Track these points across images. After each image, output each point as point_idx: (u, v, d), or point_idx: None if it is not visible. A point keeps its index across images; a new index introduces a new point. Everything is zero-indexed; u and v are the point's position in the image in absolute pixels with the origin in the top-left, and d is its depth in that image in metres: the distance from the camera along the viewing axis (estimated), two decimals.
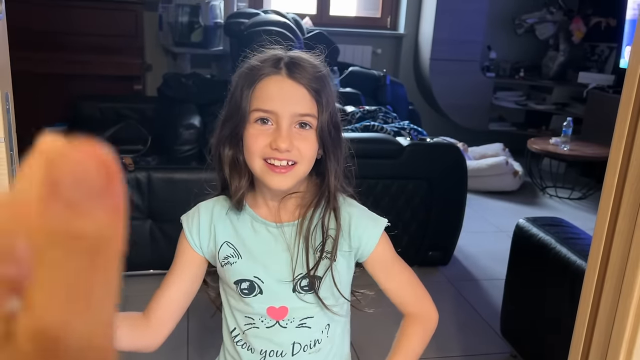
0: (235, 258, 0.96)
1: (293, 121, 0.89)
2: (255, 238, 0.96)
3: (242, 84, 0.92)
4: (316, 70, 0.92)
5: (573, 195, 4.08)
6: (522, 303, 2.08)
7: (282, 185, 0.90)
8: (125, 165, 2.47)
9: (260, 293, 0.94)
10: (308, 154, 0.91)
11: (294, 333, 0.96)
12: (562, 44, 4.98)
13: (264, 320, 0.95)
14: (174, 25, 4.00)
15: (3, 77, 0.62)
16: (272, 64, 0.91)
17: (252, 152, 0.90)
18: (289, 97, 0.90)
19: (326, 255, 0.94)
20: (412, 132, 3.12)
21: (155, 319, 0.96)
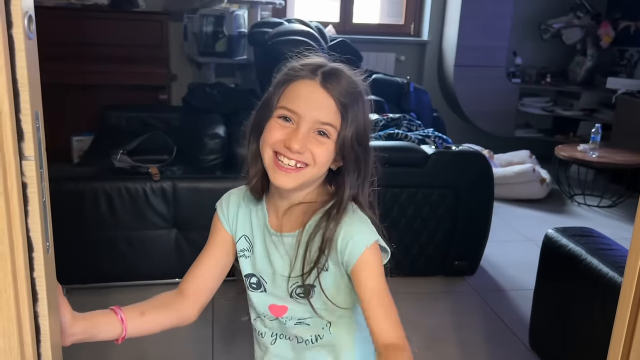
0: (249, 252, 1.02)
1: (313, 127, 0.92)
2: (263, 241, 1.01)
3: (278, 80, 0.97)
4: (351, 85, 0.94)
5: (602, 203, 4.00)
6: (551, 315, 2.03)
7: (286, 184, 0.93)
8: (151, 175, 2.49)
9: (264, 291, 1.02)
10: (321, 159, 0.92)
11: (293, 329, 1.01)
12: (589, 49, 4.89)
13: (267, 315, 1.02)
14: (199, 35, 4.04)
15: (34, 96, 0.62)
16: (311, 69, 0.94)
17: (266, 141, 0.93)
18: (316, 103, 0.92)
19: (318, 265, 0.95)
20: (437, 139, 3.09)
21: (192, 292, 1.01)
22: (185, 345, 2.19)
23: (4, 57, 0.58)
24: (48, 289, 0.68)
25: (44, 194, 0.66)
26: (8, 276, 0.62)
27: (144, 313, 0.95)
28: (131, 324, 0.92)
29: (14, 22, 0.59)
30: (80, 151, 3.64)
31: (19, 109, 0.61)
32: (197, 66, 4.33)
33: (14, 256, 0.62)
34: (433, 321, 2.45)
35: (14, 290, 0.63)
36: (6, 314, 0.63)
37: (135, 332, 0.93)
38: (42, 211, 0.65)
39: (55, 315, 0.75)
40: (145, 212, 2.48)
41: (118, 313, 0.92)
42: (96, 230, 2.46)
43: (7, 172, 0.60)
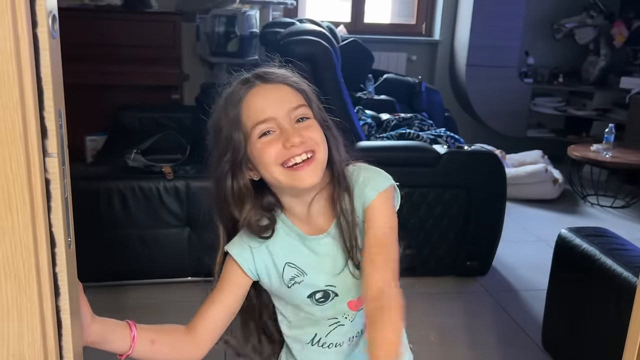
0: (301, 277, 0.98)
1: (291, 118, 0.92)
2: (309, 252, 0.98)
3: (226, 114, 0.94)
4: (283, 71, 0.97)
5: (616, 204, 3.97)
6: (564, 315, 2.03)
7: (311, 180, 0.91)
8: (164, 174, 2.51)
9: (336, 296, 0.99)
10: (319, 138, 0.93)
11: (360, 319, 1.01)
12: (603, 49, 4.86)
13: (348, 315, 1.00)
14: (211, 36, 4.06)
15: (57, 95, 0.63)
16: (243, 83, 0.95)
17: (268, 162, 0.91)
18: (276, 98, 0.93)
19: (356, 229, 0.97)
20: (449, 139, 3.09)
21: (201, 335, 0.98)
22: None
23: (29, 56, 0.59)
24: (69, 284, 0.69)
25: (65, 190, 0.67)
26: (32, 270, 0.63)
27: (154, 342, 0.94)
28: (139, 346, 0.92)
29: (38, 22, 0.60)
30: (94, 151, 3.67)
31: (42, 107, 0.62)
32: (209, 66, 4.35)
33: (38, 250, 0.63)
34: (445, 321, 2.45)
35: (37, 285, 0.64)
36: (30, 308, 0.65)
37: (139, 355, 0.93)
38: (64, 207, 0.66)
39: (76, 310, 0.76)
40: (158, 211, 2.50)
41: (132, 330, 0.91)
42: (110, 229, 2.48)
43: (32, 168, 0.61)
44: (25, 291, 0.64)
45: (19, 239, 0.62)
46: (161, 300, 2.45)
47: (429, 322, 2.41)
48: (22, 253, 0.62)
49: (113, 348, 0.91)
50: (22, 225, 0.62)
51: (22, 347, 0.66)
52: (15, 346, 0.66)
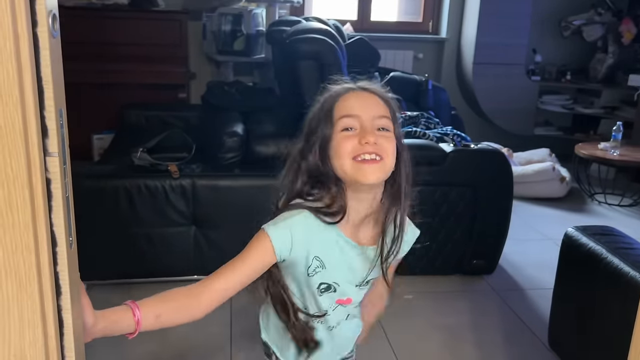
0: (321, 269, 1.10)
1: (374, 124, 1.03)
2: (338, 253, 1.09)
3: (322, 106, 1.08)
4: (384, 90, 1.11)
5: (623, 202, 3.94)
6: (571, 314, 2.02)
7: (375, 177, 1.02)
8: (170, 173, 2.52)
9: (334, 291, 1.13)
10: (390, 150, 1.03)
11: (352, 310, 1.19)
12: (611, 46, 4.83)
13: (334, 307, 1.16)
14: (217, 34, 4.06)
15: (58, 94, 0.63)
16: (346, 87, 1.09)
17: (342, 154, 1.02)
18: (367, 103, 1.06)
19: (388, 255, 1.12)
20: (456, 137, 3.07)
21: (209, 301, 1.02)
22: (203, 328, 2.21)
23: (28, 56, 0.59)
24: (71, 283, 0.69)
25: (67, 190, 0.67)
26: (33, 269, 0.63)
27: (159, 316, 0.97)
28: (145, 324, 0.94)
29: (38, 21, 0.60)
30: (101, 149, 3.68)
31: (43, 106, 0.62)
32: (216, 65, 4.35)
33: (39, 250, 0.64)
34: (451, 320, 2.44)
35: (38, 284, 0.64)
36: (31, 307, 0.65)
37: (146, 329, 0.96)
38: (65, 206, 0.66)
39: (78, 309, 0.76)
40: (164, 209, 2.50)
41: (135, 314, 0.92)
42: (116, 227, 2.49)
43: (32, 167, 0.61)
44: (26, 289, 0.64)
45: (19, 237, 0.62)
46: None
47: (435, 321, 2.40)
48: (23, 252, 0.63)
49: (120, 333, 0.93)
50: (22, 224, 0.62)
51: (24, 346, 0.66)
52: (16, 345, 0.66)
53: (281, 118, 3.05)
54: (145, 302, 0.96)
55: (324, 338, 1.18)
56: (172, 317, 1.00)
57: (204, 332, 2.27)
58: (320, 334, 1.17)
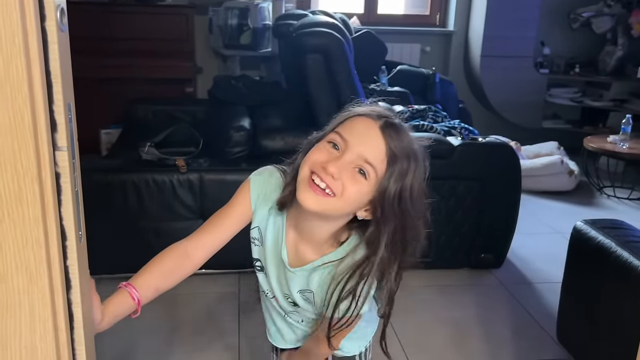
0: (259, 242, 1.09)
1: (355, 162, 0.92)
2: (273, 248, 1.07)
3: (344, 113, 1.00)
4: (410, 144, 0.95)
5: (633, 195, 3.92)
6: (579, 308, 2.01)
7: (310, 204, 0.92)
8: (178, 167, 2.52)
9: (266, 276, 1.11)
10: (350, 195, 0.92)
11: (289, 312, 1.14)
12: (620, 38, 4.78)
13: (268, 293, 1.14)
14: (224, 28, 4.06)
15: (66, 88, 0.63)
16: (377, 114, 0.96)
17: (307, 159, 0.96)
18: (367, 140, 0.93)
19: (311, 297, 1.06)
20: (463, 131, 3.06)
21: (199, 258, 1.05)
22: (212, 314, 2.22)
23: (37, 50, 0.59)
24: (81, 277, 0.70)
25: (76, 184, 0.68)
26: (43, 263, 0.64)
27: (157, 288, 1.00)
28: (145, 300, 0.98)
29: (47, 15, 0.60)
30: (109, 144, 3.70)
31: (52, 101, 0.62)
32: (222, 59, 4.35)
33: (49, 244, 0.64)
34: (459, 314, 2.44)
35: (48, 278, 0.65)
36: (41, 300, 0.65)
37: (149, 301, 1.00)
38: (74, 200, 0.67)
39: (88, 303, 0.76)
40: (172, 203, 2.51)
41: (134, 296, 0.95)
42: (124, 222, 2.50)
43: (42, 162, 0.62)
44: (36, 283, 0.64)
45: (29, 231, 0.62)
46: (174, 292, 2.45)
47: (443, 315, 2.40)
48: (33, 246, 0.63)
49: (122, 318, 0.97)
50: (32, 218, 0.62)
51: (34, 339, 0.66)
52: (27, 338, 0.66)
53: (288, 112, 3.05)
54: (140, 279, 0.99)
55: (279, 322, 1.19)
56: (169, 282, 1.03)
57: (212, 324, 2.28)
58: (275, 315, 1.18)
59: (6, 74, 0.57)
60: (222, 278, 2.60)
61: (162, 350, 2.12)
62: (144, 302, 0.97)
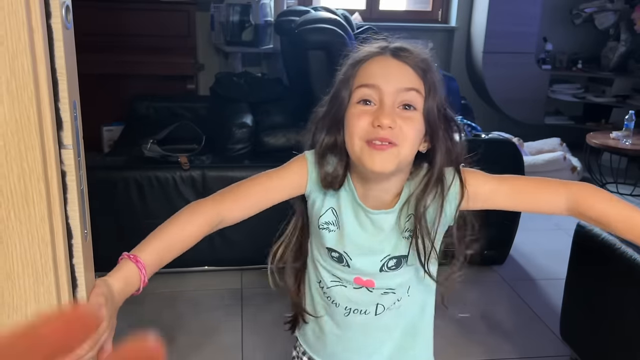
0: (334, 227, 0.97)
1: (397, 99, 0.87)
2: (352, 217, 0.96)
3: (346, 68, 0.93)
4: (422, 54, 0.92)
5: (636, 192, 3.91)
6: (583, 305, 2.00)
7: (385, 167, 0.87)
8: (180, 164, 2.52)
9: (347, 266, 0.97)
10: (411, 136, 0.87)
11: (379, 297, 0.99)
12: (623, 34, 4.77)
13: (352, 284, 0.99)
14: (226, 25, 4.05)
15: (72, 86, 0.63)
16: (377, 48, 0.92)
17: (353, 132, 0.88)
18: (393, 73, 0.89)
19: (415, 235, 0.93)
20: (466, 127, 3.05)
21: (227, 223, 0.94)
22: (215, 311, 2.22)
23: (43, 47, 0.58)
24: (86, 276, 0.69)
25: (81, 182, 0.67)
26: (49, 262, 0.63)
27: (171, 258, 0.89)
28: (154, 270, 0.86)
29: (52, 12, 0.60)
30: (111, 141, 3.69)
31: (57, 98, 0.62)
32: (224, 56, 4.34)
33: (55, 242, 0.64)
34: (463, 310, 2.43)
35: (54, 276, 0.64)
36: (47, 299, 0.65)
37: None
38: (80, 199, 0.66)
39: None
40: (175, 200, 2.51)
41: (143, 277, 0.82)
42: (127, 219, 2.50)
43: (48, 160, 0.61)
44: (42, 282, 0.64)
45: (35, 230, 0.62)
46: (178, 289, 2.47)
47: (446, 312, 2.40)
48: (39, 244, 0.63)
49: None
50: (38, 216, 0.62)
51: None
52: None
53: (290, 109, 3.05)
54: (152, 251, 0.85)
55: (361, 333, 1.02)
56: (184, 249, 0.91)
57: (215, 321, 2.28)
58: (355, 326, 1.02)
59: (12, 71, 0.57)
60: (224, 275, 2.60)
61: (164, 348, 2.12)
62: (157, 269, 0.86)
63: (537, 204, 0.96)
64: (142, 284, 0.82)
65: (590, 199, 0.91)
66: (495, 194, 0.96)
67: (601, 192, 0.92)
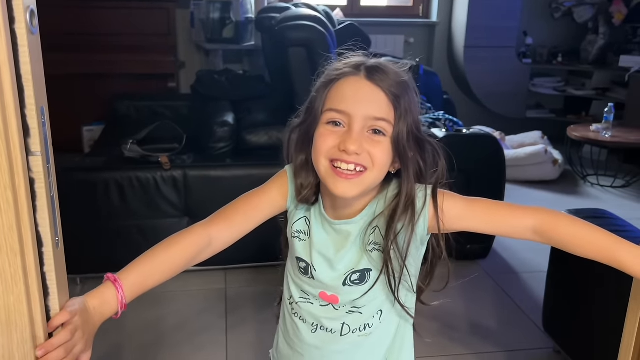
0: (305, 236, 0.97)
1: (366, 125, 0.86)
2: (320, 227, 0.96)
3: (320, 83, 0.92)
4: (398, 76, 0.90)
5: (616, 184, 3.96)
6: (565, 297, 2.02)
7: (347, 193, 0.87)
8: (161, 164, 2.50)
9: (312, 278, 0.97)
10: (380, 161, 0.87)
11: (345, 316, 0.97)
12: (601, 27, 4.81)
13: (318, 300, 0.98)
14: (206, 22, 4.02)
15: (39, 92, 0.62)
16: (353, 66, 0.90)
17: (319, 151, 0.88)
18: (365, 98, 0.87)
19: (380, 249, 0.93)
20: (448, 122, 3.06)
21: (219, 246, 0.95)
22: (199, 311, 2.21)
23: (7, 53, 0.57)
24: (58, 284, 0.68)
25: (51, 189, 0.66)
26: (19, 271, 0.62)
27: (161, 280, 0.89)
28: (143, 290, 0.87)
29: (16, 18, 0.58)
30: (91, 141, 3.66)
31: (24, 105, 0.61)
32: (205, 53, 4.31)
33: (24, 251, 0.63)
34: (446, 305, 2.44)
35: (25, 285, 0.63)
36: (19, 308, 0.64)
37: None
38: (50, 206, 0.65)
39: None
40: (156, 201, 2.49)
41: (120, 297, 0.81)
42: (108, 220, 2.48)
43: (15, 168, 0.60)
44: (12, 291, 0.63)
45: (3, 240, 0.61)
46: (161, 290, 2.44)
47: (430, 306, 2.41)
48: (8, 254, 0.62)
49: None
50: (6, 226, 0.61)
51: (12, 348, 0.65)
52: (4, 346, 0.65)
53: (272, 106, 3.04)
54: (134, 279, 0.84)
55: (310, 342, 1.00)
56: (176, 272, 0.91)
57: (199, 321, 2.27)
58: (305, 334, 1.00)
59: None
60: (208, 275, 2.59)
61: (149, 348, 2.11)
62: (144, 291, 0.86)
63: (506, 228, 0.96)
64: (121, 305, 0.82)
65: (557, 225, 0.92)
66: (467, 216, 0.96)
67: (567, 218, 0.93)
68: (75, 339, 0.71)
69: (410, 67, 0.94)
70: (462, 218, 0.96)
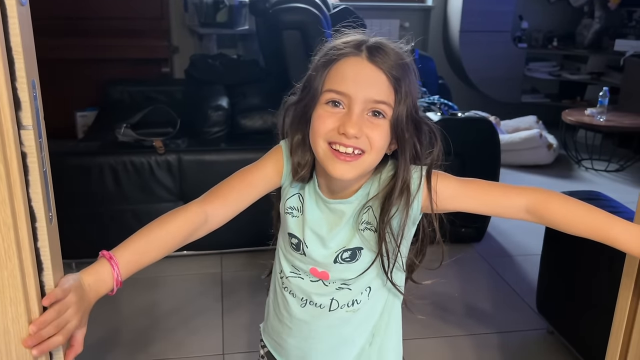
0: (298, 212, 0.97)
1: (366, 107, 0.86)
2: (314, 205, 0.96)
3: (319, 63, 0.90)
4: (399, 57, 0.88)
5: (610, 167, 3.97)
6: (558, 279, 2.04)
7: (345, 175, 0.87)
8: (156, 149, 2.49)
9: (303, 254, 0.97)
10: (378, 144, 0.87)
11: (334, 292, 0.98)
12: (597, 11, 4.80)
13: (308, 275, 0.98)
14: (199, 6, 3.99)
15: (30, 64, 0.61)
16: (354, 46, 0.88)
17: (318, 133, 0.87)
18: (365, 80, 0.86)
19: (372, 228, 0.93)
20: (443, 107, 3.06)
21: (215, 224, 0.95)
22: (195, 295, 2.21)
23: None
24: (52, 259, 0.68)
25: (44, 164, 0.66)
26: (12, 246, 0.62)
27: (157, 257, 0.90)
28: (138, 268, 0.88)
29: None
30: (85, 126, 3.63)
31: (14, 78, 0.60)
32: (199, 37, 4.28)
33: (17, 225, 0.62)
34: (440, 288, 2.46)
35: (18, 260, 0.63)
36: (13, 283, 0.64)
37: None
38: (43, 181, 0.65)
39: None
40: (151, 185, 2.48)
41: (115, 275, 0.81)
42: (103, 205, 2.47)
43: (6, 141, 0.60)
44: (6, 266, 0.63)
45: None
46: (157, 275, 2.45)
47: (424, 289, 2.42)
48: (1, 228, 0.61)
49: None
50: None
51: (7, 322, 0.65)
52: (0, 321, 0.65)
53: (266, 90, 3.03)
54: (131, 255, 0.86)
55: (299, 316, 1.01)
56: (171, 249, 0.92)
57: (195, 305, 2.28)
58: (308, 318, 1.00)
59: None
60: (204, 259, 2.59)
61: (145, 333, 2.11)
62: (139, 269, 0.87)
63: (499, 208, 0.96)
64: (116, 283, 0.82)
65: (550, 204, 0.92)
66: (461, 196, 0.95)
67: (560, 197, 0.93)
68: (69, 315, 0.71)
69: (411, 47, 0.93)
70: (455, 198, 0.95)
